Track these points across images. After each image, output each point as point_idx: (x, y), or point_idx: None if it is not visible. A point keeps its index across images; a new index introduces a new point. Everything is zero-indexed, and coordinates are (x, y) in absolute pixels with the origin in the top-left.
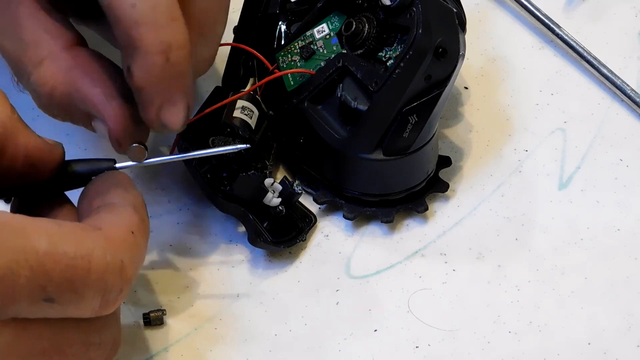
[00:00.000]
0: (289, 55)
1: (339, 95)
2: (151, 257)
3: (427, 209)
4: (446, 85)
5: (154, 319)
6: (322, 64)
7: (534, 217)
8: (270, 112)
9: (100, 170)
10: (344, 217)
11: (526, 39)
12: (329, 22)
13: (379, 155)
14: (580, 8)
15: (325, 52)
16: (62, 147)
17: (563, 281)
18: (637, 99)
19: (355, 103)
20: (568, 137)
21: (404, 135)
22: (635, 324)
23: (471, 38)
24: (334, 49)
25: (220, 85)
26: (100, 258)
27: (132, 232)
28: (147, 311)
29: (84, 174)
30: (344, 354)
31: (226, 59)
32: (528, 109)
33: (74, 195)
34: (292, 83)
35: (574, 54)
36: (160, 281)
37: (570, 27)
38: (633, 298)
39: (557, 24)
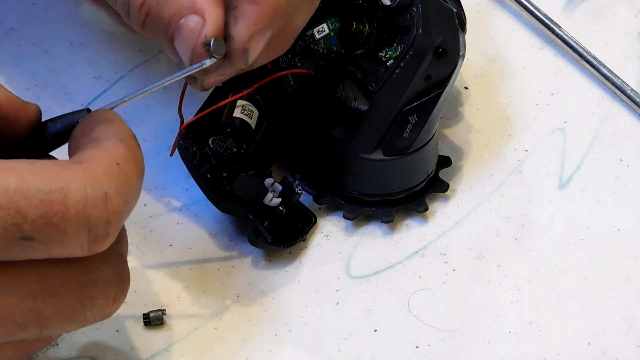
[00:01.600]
0: (289, 55)
1: (338, 95)
2: (151, 257)
3: (427, 209)
4: (446, 86)
5: (154, 319)
6: (322, 64)
7: (534, 217)
8: (270, 112)
9: (75, 121)
10: (344, 217)
11: (526, 39)
12: (329, 22)
13: (379, 155)
14: (580, 8)
15: (325, 52)
16: (38, 107)
17: (563, 281)
18: (637, 99)
19: (355, 103)
20: (568, 137)
21: (404, 135)
22: (635, 323)
23: (471, 38)
24: (334, 49)
25: (220, 85)
26: (78, 191)
27: (117, 164)
28: (147, 311)
29: (61, 131)
30: (344, 354)
31: None
32: (528, 109)
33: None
34: (292, 83)
35: (574, 54)
36: (160, 281)
37: (570, 27)
38: (633, 298)
39: (557, 24)
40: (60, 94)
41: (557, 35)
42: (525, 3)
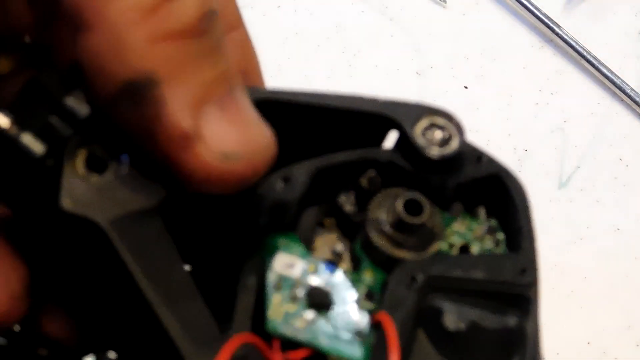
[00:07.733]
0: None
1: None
2: None
3: None
4: None
5: None
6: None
7: (533, 217)
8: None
9: None
10: None
11: (526, 38)
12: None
13: None
14: (580, 7)
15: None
16: None
17: (563, 280)
18: (637, 99)
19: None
20: (568, 137)
21: None
22: (634, 323)
23: (471, 37)
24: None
25: None
26: None
27: None
28: None
29: None
30: None
31: None
32: (528, 109)
33: None
34: None
35: (574, 54)
36: None
37: (570, 27)
38: (632, 297)
39: (556, 24)
40: None
41: (557, 34)
42: (525, 2)
